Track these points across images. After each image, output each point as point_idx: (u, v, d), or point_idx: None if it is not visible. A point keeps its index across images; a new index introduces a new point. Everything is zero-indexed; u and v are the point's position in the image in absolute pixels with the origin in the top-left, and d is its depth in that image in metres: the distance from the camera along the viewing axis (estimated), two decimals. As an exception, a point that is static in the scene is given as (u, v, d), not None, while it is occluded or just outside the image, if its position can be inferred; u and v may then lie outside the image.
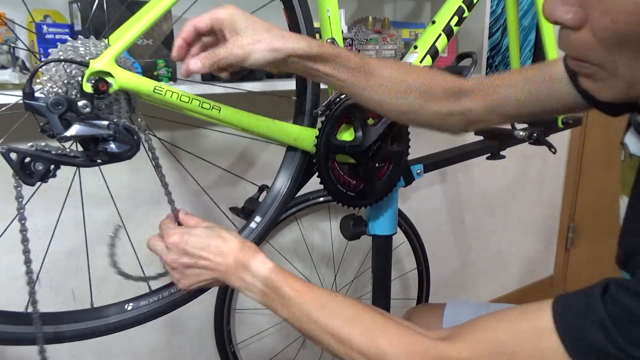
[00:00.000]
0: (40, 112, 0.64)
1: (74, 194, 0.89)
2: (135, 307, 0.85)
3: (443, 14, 1.07)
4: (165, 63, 1.11)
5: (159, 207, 1.29)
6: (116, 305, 0.85)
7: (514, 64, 1.46)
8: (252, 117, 0.85)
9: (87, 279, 1.22)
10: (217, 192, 1.37)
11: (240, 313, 1.53)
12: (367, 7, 1.56)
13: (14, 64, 0.96)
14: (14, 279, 1.14)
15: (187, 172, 1.32)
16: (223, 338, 1.47)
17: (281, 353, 1.63)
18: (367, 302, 1.78)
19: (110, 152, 0.69)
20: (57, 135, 0.65)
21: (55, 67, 0.67)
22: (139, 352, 1.37)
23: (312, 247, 1.62)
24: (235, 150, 1.40)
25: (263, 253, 0.71)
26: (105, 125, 0.68)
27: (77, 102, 0.66)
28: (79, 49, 0.69)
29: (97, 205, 1.14)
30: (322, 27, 0.94)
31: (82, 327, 0.80)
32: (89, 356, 1.28)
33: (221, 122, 0.81)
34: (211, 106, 0.79)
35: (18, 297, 1.13)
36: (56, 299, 1.24)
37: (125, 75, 0.70)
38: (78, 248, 1.22)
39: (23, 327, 0.74)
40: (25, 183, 0.66)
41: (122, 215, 1.13)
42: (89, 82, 0.66)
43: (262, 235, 0.94)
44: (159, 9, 0.71)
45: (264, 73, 1.21)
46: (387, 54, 1.43)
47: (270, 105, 1.08)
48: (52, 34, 0.98)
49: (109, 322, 0.82)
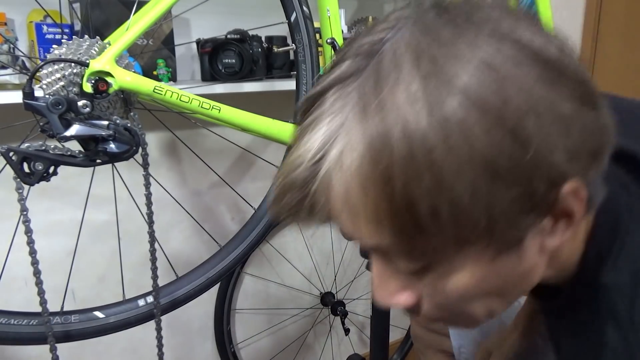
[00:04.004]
0: (40, 112, 0.64)
1: (75, 194, 0.89)
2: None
3: (443, 14, 1.07)
4: (165, 63, 1.11)
5: (159, 206, 1.29)
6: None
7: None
8: (252, 117, 0.85)
9: (87, 279, 1.22)
10: (217, 192, 1.37)
11: (240, 313, 1.53)
12: (367, 7, 1.56)
13: (14, 64, 0.96)
14: (14, 279, 1.14)
15: (186, 172, 1.32)
16: (223, 338, 1.47)
17: (281, 353, 1.63)
18: (367, 302, 1.78)
19: (110, 152, 0.69)
20: (57, 135, 0.65)
21: (51, 67, 0.67)
22: (139, 352, 1.37)
23: (312, 247, 1.62)
24: (235, 150, 1.40)
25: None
26: (105, 125, 0.68)
27: (77, 102, 0.66)
28: (79, 50, 0.69)
29: (97, 205, 1.14)
30: (322, 27, 0.94)
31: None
32: (89, 356, 1.28)
33: (221, 122, 0.81)
34: (211, 106, 0.79)
35: (18, 297, 1.13)
36: (56, 299, 1.24)
37: (126, 75, 0.70)
38: (78, 248, 1.22)
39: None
40: (26, 183, 0.66)
41: (121, 216, 1.13)
42: (89, 82, 0.66)
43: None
44: (159, 9, 0.71)
45: (264, 73, 1.21)
46: (387, 54, 1.43)
47: (270, 105, 1.08)
48: (52, 34, 0.98)
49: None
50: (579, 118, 0.35)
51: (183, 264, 1.28)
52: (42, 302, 0.71)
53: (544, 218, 0.37)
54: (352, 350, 1.76)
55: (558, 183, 0.36)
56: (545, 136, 0.34)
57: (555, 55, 0.35)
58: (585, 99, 0.36)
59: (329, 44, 0.91)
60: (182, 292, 0.89)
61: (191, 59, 1.26)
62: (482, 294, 0.41)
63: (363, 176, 0.34)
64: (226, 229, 1.41)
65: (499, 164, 0.33)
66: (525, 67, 0.34)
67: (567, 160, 0.35)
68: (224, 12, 1.26)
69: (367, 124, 0.34)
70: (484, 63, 0.33)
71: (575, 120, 0.35)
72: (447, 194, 0.33)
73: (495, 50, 0.34)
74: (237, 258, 0.94)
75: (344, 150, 0.35)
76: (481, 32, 0.35)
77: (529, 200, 0.35)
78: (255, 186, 1.43)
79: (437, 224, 0.34)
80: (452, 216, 0.33)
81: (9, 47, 0.94)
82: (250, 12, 1.30)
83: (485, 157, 0.33)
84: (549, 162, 0.34)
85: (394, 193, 0.33)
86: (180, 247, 1.35)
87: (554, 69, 0.35)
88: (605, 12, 2.29)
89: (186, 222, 1.33)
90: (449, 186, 0.33)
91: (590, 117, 0.36)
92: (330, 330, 1.73)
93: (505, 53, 0.34)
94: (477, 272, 0.38)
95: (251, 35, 1.17)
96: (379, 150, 0.33)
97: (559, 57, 0.36)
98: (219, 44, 1.12)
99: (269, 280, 1.55)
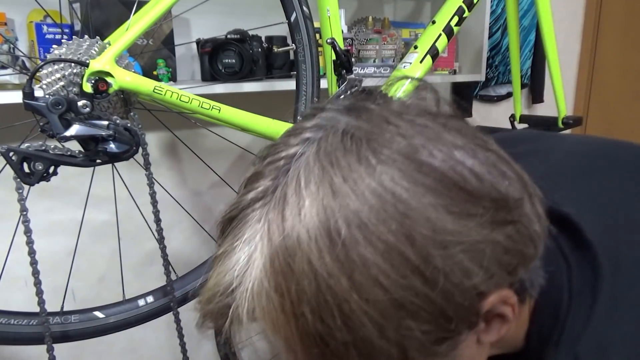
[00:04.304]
0: (40, 112, 0.64)
1: (75, 194, 0.89)
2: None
3: (443, 14, 1.07)
4: (165, 63, 1.11)
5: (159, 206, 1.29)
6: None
7: (514, 64, 1.46)
8: (252, 117, 0.85)
9: (87, 279, 1.22)
10: (217, 192, 1.37)
11: (240, 313, 1.53)
12: (367, 7, 1.56)
13: (14, 64, 0.96)
14: (15, 278, 1.14)
15: (186, 172, 1.32)
16: (223, 338, 1.47)
17: (281, 353, 1.63)
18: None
19: (110, 152, 0.69)
20: (57, 135, 0.65)
21: (51, 67, 0.67)
22: (139, 352, 1.37)
23: (312, 247, 1.62)
24: (235, 150, 1.39)
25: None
26: (105, 125, 0.68)
27: (77, 102, 0.66)
28: (79, 50, 0.69)
29: (97, 205, 1.14)
30: (322, 27, 0.94)
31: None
32: (89, 356, 1.28)
33: (221, 122, 0.82)
34: (211, 106, 0.79)
35: (19, 297, 1.13)
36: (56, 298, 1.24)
37: (125, 75, 0.70)
38: (78, 248, 1.21)
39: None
40: (26, 183, 0.66)
41: (121, 216, 1.13)
42: (89, 82, 0.66)
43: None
44: (159, 9, 0.71)
45: (264, 73, 1.21)
46: (387, 53, 1.43)
47: (270, 105, 1.08)
48: (52, 34, 0.98)
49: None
50: (493, 242, 0.34)
51: (183, 264, 1.28)
52: (40, 302, 0.71)
53: (472, 328, 0.37)
54: (352, 350, 1.76)
55: (478, 301, 0.35)
56: (454, 266, 0.33)
57: (467, 176, 0.34)
58: (499, 220, 0.34)
59: (329, 44, 0.91)
60: (182, 291, 0.89)
61: (191, 59, 1.26)
62: None
63: (271, 317, 0.34)
64: (226, 229, 1.41)
65: (408, 301, 0.32)
66: (431, 197, 0.33)
67: (484, 280, 0.34)
68: (224, 12, 1.26)
69: (273, 260, 0.34)
70: (384, 192, 0.32)
71: (488, 244, 0.34)
72: (356, 332, 0.33)
73: (398, 177, 0.33)
74: (237, 258, 0.94)
75: (252, 289, 0.35)
76: (381, 157, 0.33)
77: (444, 328, 0.34)
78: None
79: (350, 355, 0.34)
80: (364, 350, 0.33)
81: (9, 47, 0.94)
82: (250, 12, 1.30)
83: (391, 296, 0.32)
84: (462, 288, 0.33)
85: (306, 330, 0.33)
86: (181, 247, 1.35)
87: (464, 195, 0.33)
88: (605, 12, 2.29)
89: (186, 222, 1.33)
90: (358, 325, 0.32)
91: (507, 236, 0.35)
92: (330, 330, 1.72)
93: (409, 181, 0.33)
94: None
95: (251, 35, 1.17)
96: (286, 290, 0.33)
97: (471, 178, 0.34)
98: (219, 44, 1.12)
99: (269, 280, 1.55)
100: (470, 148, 0.35)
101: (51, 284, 1.20)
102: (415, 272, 0.32)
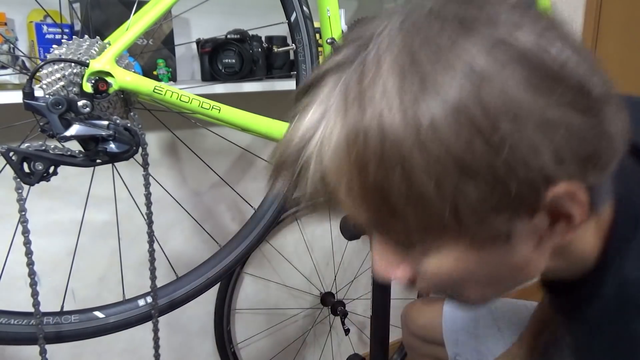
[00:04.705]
0: (40, 112, 0.64)
1: (75, 194, 0.89)
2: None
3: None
4: (165, 63, 1.11)
5: (159, 206, 1.29)
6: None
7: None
8: (252, 117, 0.85)
9: (87, 279, 1.22)
10: (217, 192, 1.37)
11: (240, 313, 1.53)
12: (367, 7, 1.56)
13: (14, 64, 0.96)
14: (15, 278, 1.14)
15: (186, 172, 1.32)
16: (223, 338, 1.47)
17: (281, 353, 1.63)
18: (367, 302, 1.78)
19: (110, 152, 0.69)
20: (57, 135, 0.65)
21: (51, 67, 0.67)
22: (139, 352, 1.37)
23: (312, 247, 1.62)
24: (235, 150, 1.40)
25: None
26: (105, 125, 0.68)
27: (77, 102, 0.66)
28: (79, 50, 0.69)
29: (97, 205, 1.14)
30: (322, 27, 0.94)
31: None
32: (89, 356, 1.28)
33: (221, 122, 0.82)
34: (211, 106, 0.79)
35: (19, 297, 1.13)
36: (56, 299, 1.24)
37: (126, 75, 0.70)
38: (78, 248, 1.22)
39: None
40: (26, 183, 0.66)
41: (121, 216, 1.13)
42: (89, 82, 0.66)
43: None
44: (159, 9, 0.71)
45: (264, 73, 1.21)
46: (387, 54, 1.43)
47: (270, 105, 1.08)
48: (52, 34, 0.98)
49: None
50: (568, 124, 0.35)
51: (183, 264, 1.28)
52: (34, 303, 0.71)
53: (532, 218, 0.37)
54: (352, 350, 1.76)
55: (543, 185, 0.35)
56: (523, 140, 0.33)
57: (550, 59, 0.35)
58: (578, 105, 0.35)
59: (329, 44, 0.92)
60: (181, 292, 0.89)
61: (191, 59, 1.26)
62: (472, 279, 0.42)
63: (337, 164, 0.36)
64: (226, 229, 1.41)
65: (468, 163, 0.33)
66: (510, 71, 0.33)
67: (554, 164, 0.35)
68: (224, 12, 1.26)
69: (346, 115, 0.36)
70: (463, 63, 0.34)
71: (562, 126, 0.34)
72: (415, 187, 0.34)
73: (478, 52, 0.34)
74: (237, 258, 0.94)
75: (324, 138, 0.37)
76: (469, 33, 0.35)
77: (502, 200, 0.35)
78: (255, 186, 1.43)
79: (406, 210, 0.36)
80: (420, 205, 0.35)
81: (9, 47, 0.94)
82: (250, 12, 1.30)
83: (454, 156, 0.33)
84: (528, 165, 0.34)
85: (367, 181, 0.35)
86: (181, 247, 1.35)
87: (545, 73, 0.34)
88: (605, 12, 2.30)
89: (186, 222, 1.33)
90: (418, 179, 0.34)
91: (584, 123, 0.35)
92: (330, 330, 1.73)
93: (491, 56, 0.34)
94: (456, 259, 0.40)
95: (251, 35, 1.17)
96: (354, 142, 0.35)
97: (555, 61, 0.35)
98: (219, 44, 1.12)
99: (269, 280, 1.55)
100: (563, 40, 0.36)
101: (51, 284, 1.20)
102: (481, 136, 0.33)
